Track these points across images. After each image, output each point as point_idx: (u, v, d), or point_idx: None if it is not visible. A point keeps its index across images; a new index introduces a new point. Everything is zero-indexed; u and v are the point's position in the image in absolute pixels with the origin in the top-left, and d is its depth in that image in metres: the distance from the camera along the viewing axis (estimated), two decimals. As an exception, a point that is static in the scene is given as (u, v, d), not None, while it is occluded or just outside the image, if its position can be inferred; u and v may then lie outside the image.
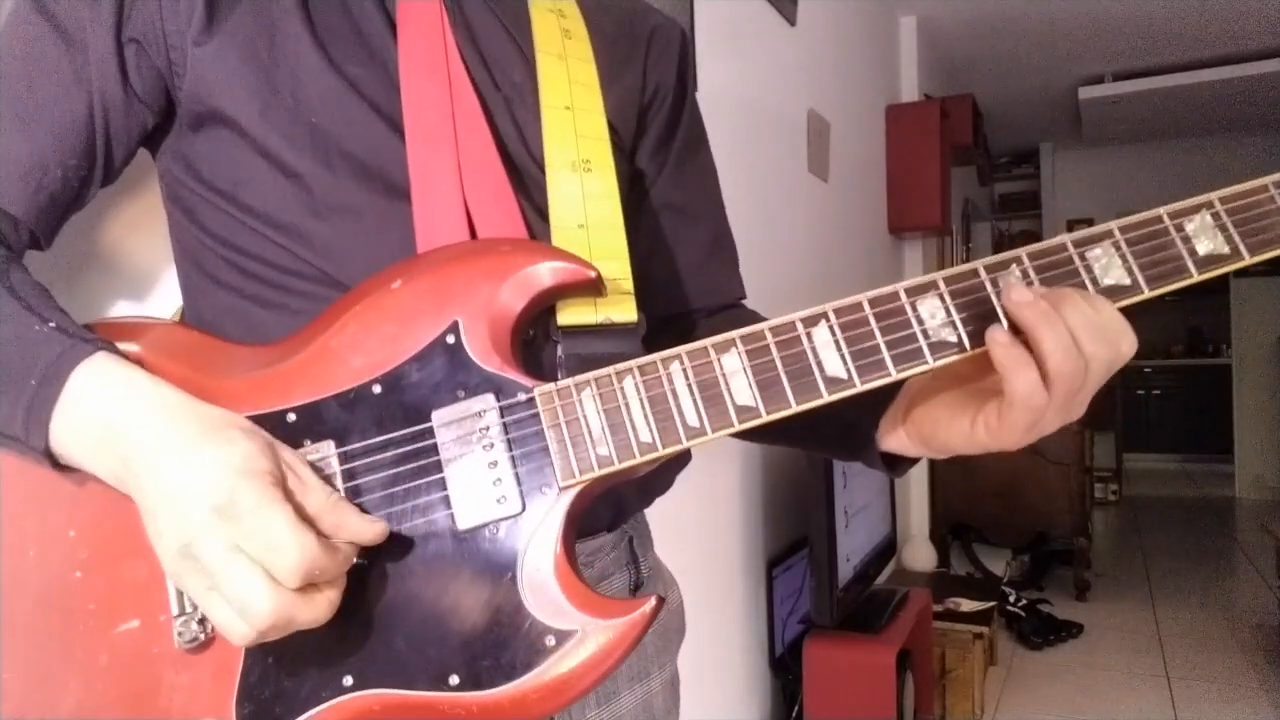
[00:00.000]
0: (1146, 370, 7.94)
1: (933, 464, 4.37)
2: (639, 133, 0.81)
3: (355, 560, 0.55)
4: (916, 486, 4.42)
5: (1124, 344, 0.56)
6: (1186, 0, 4.25)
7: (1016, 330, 0.56)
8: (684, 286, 0.84)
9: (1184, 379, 7.91)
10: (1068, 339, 0.54)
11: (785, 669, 2.54)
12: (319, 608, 0.51)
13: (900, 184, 4.05)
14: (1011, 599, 3.89)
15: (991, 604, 3.37)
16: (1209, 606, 4.14)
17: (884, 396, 0.67)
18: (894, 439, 0.68)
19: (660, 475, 0.79)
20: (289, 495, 0.52)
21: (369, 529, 0.54)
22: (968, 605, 3.31)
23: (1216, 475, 7.15)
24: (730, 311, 0.87)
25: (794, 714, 2.45)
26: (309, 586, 0.51)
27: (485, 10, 0.73)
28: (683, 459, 0.81)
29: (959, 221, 5.40)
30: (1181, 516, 6.13)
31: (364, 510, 0.56)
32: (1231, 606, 4.15)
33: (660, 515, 0.85)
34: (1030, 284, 0.58)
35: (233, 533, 0.49)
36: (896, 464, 0.71)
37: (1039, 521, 4.22)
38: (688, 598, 0.89)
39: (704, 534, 2.19)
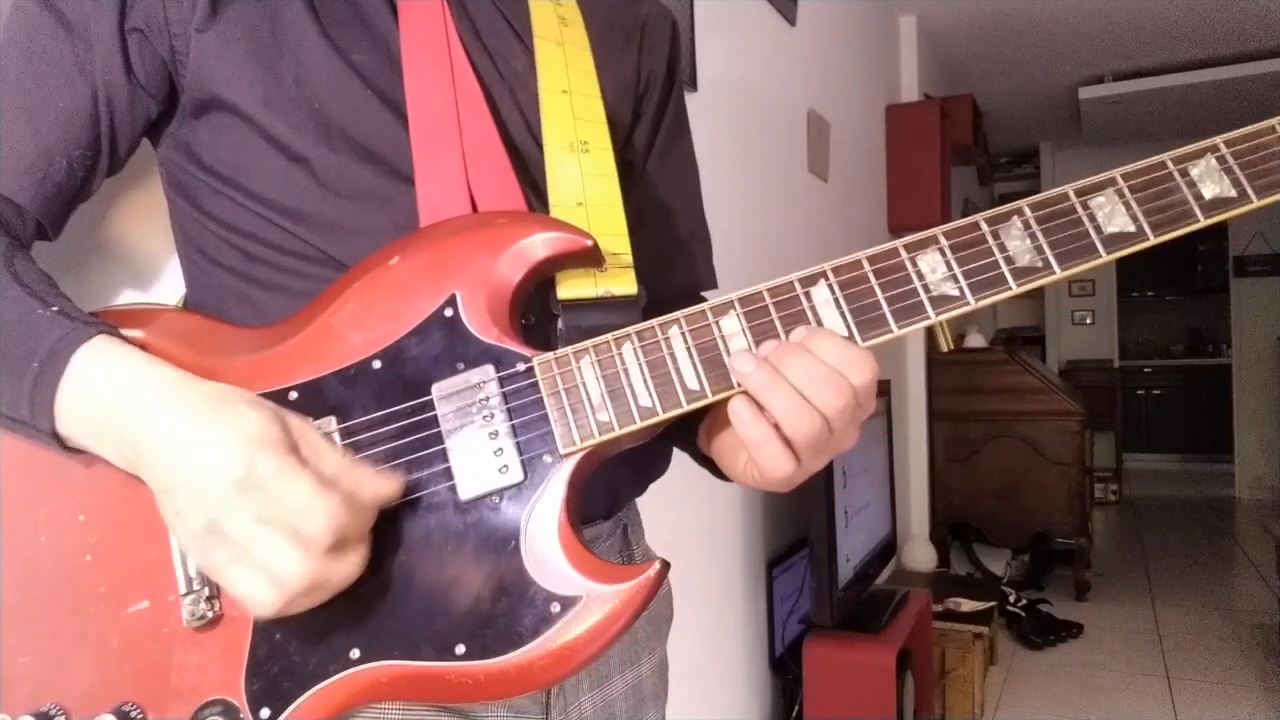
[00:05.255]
0: (1146, 370, 7.95)
1: (933, 464, 4.37)
2: (634, 121, 0.82)
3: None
4: (916, 486, 4.41)
5: (856, 377, 0.56)
6: (1186, 0, 4.26)
7: None
8: (664, 274, 0.84)
9: (1184, 379, 7.91)
10: (794, 399, 0.56)
11: (785, 669, 2.54)
12: (350, 566, 0.52)
13: (900, 184, 4.06)
14: (1011, 599, 3.89)
15: (991, 604, 3.36)
16: (1209, 606, 4.14)
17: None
18: (708, 448, 0.71)
19: (654, 459, 0.80)
20: (304, 461, 0.52)
21: (387, 485, 0.55)
22: (968, 605, 3.30)
23: (1216, 475, 7.16)
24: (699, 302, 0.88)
25: (794, 714, 2.45)
26: (337, 546, 0.51)
27: (485, 0, 0.74)
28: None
29: (959, 222, 5.40)
30: (1181, 516, 6.13)
31: None
32: (1231, 606, 4.15)
33: (660, 515, 0.85)
34: (839, 312, 0.58)
35: (257, 503, 0.49)
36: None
37: (1039, 521, 4.22)
38: (688, 597, 0.89)
39: (704, 534, 2.18)
